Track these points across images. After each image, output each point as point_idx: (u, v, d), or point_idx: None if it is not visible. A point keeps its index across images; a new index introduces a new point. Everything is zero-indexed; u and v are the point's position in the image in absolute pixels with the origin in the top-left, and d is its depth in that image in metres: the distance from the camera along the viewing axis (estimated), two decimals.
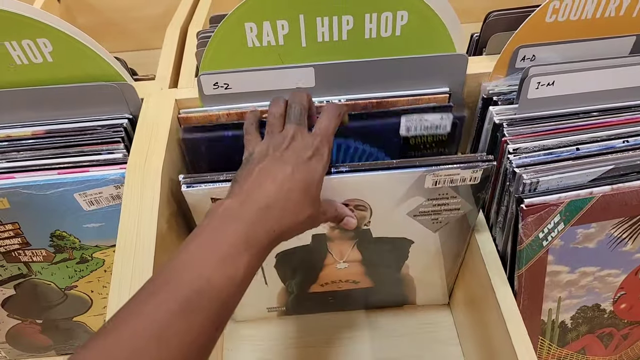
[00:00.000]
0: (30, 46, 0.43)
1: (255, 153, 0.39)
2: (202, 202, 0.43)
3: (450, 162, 0.42)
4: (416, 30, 0.45)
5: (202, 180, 0.42)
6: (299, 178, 0.37)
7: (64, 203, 0.45)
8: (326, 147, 0.39)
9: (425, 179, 0.43)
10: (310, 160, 0.38)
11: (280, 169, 0.37)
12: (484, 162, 0.42)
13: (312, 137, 0.39)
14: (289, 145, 0.38)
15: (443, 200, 0.45)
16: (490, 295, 0.46)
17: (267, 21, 0.43)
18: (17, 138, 0.46)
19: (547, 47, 0.47)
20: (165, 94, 0.49)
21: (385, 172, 0.42)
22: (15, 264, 0.50)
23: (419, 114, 0.45)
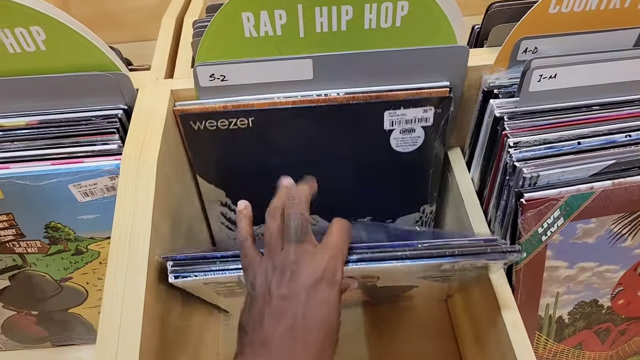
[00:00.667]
0: (23, 34, 0.43)
1: (257, 287, 0.34)
2: (195, 286, 0.41)
3: (474, 252, 0.37)
4: (417, 21, 0.44)
5: (192, 269, 0.38)
6: (313, 319, 0.32)
7: (58, 194, 0.45)
8: (337, 263, 0.34)
9: (443, 264, 0.37)
10: (320, 287, 0.33)
11: (289, 315, 0.32)
12: (511, 253, 0.37)
13: (319, 256, 0.34)
14: (293, 275, 0.33)
15: (460, 271, 0.42)
16: (487, 290, 0.46)
17: (264, 11, 0.43)
18: (11, 128, 0.46)
19: (550, 39, 0.46)
20: (160, 84, 0.48)
21: (399, 264, 0.36)
22: (9, 255, 0.50)
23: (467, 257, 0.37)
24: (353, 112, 0.46)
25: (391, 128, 0.48)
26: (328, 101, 0.46)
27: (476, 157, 0.52)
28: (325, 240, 0.35)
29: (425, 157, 0.51)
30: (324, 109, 0.45)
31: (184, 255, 0.39)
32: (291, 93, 0.46)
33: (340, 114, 0.46)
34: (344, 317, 0.61)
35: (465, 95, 0.50)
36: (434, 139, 0.49)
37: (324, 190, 0.53)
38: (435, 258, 0.36)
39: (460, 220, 0.52)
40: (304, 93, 0.46)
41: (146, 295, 0.37)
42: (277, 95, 0.46)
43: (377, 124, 0.47)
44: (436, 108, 0.46)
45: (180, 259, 0.39)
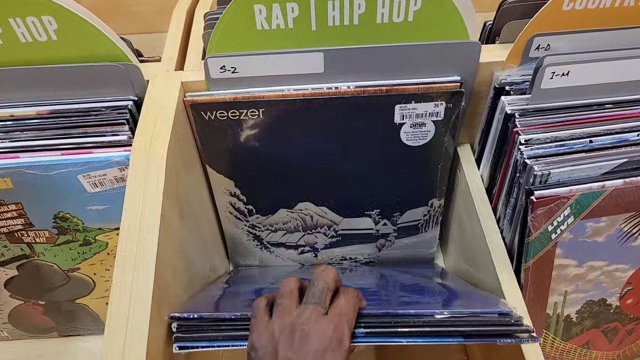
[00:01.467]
0: (34, 24, 0.43)
1: (260, 347, 0.34)
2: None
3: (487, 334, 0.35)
4: (429, 16, 0.44)
5: (198, 337, 0.37)
6: None
7: (67, 184, 0.45)
8: (346, 333, 0.34)
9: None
10: (327, 354, 0.32)
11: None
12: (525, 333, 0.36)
13: (327, 321, 0.34)
14: (301, 338, 0.33)
15: None
16: (496, 288, 0.46)
17: (276, 3, 0.42)
18: (21, 117, 0.46)
19: (563, 36, 0.45)
20: (171, 76, 0.48)
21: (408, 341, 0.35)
22: (18, 245, 0.50)
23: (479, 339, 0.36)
24: (363, 105, 0.46)
25: (402, 122, 0.47)
26: (338, 94, 0.46)
27: (486, 153, 0.51)
28: (333, 307, 0.35)
29: (435, 152, 0.50)
30: (335, 102, 0.45)
31: (192, 316, 0.38)
32: (302, 86, 0.46)
33: (350, 106, 0.46)
34: None
35: (476, 91, 0.49)
36: (444, 134, 0.49)
37: (332, 183, 0.53)
38: (446, 338, 0.35)
39: (470, 217, 0.52)
40: (314, 86, 0.46)
41: (154, 289, 0.37)
42: (288, 88, 0.46)
43: (387, 117, 0.47)
44: (447, 103, 0.46)
45: (187, 319, 0.37)
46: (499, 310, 0.36)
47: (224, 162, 0.51)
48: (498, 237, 0.48)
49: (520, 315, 0.36)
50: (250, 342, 0.35)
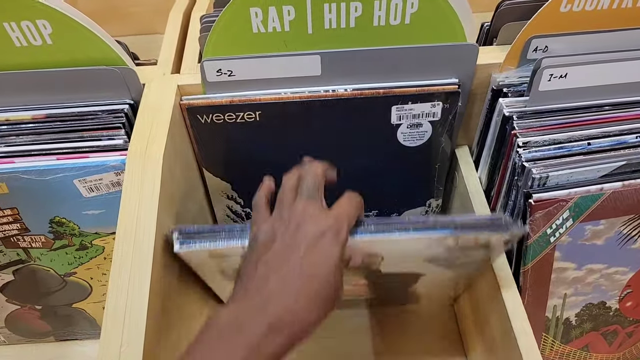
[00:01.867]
0: (29, 27, 0.42)
1: (259, 237, 0.35)
2: (200, 259, 0.41)
3: (477, 225, 0.37)
4: (426, 18, 0.43)
5: (199, 237, 0.38)
6: (311, 270, 0.31)
7: (63, 189, 0.44)
8: (344, 226, 0.34)
9: (448, 239, 0.38)
10: (323, 240, 0.32)
11: (287, 262, 0.32)
12: (512, 227, 0.37)
13: (326, 216, 0.34)
14: (298, 226, 0.33)
15: (465, 251, 0.41)
16: (494, 291, 0.46)
17: (272, 6, 0.42)
18: (17, 122, 0.45)
19: (561, 38, 0.45)
20: (167, 79, 0.48)
21: (402, 235, 0.37)
22: (14, 250, 0.50)
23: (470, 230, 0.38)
24: (360, 106, 0.46)
25: (399, 122, 0.47)
26: (335, 97, 0.45)
27: (484, 156, 0.51)
28: (334, 206, 0.36)
29: (432, 152, 0.50)
30: (332, 103, 0.45)
31: (191, 228, 0.39)
32: (299, 89, 0.46)
33: (347, 108, 0.46)
34: (351, 321, 0.62)
35: (473, 93, 0.49)
36: (441, 134, 0.49)
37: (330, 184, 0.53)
38: (438, 229, 0.37)
39: None
40: (311, 88, 0.46)
41: (150, 294, 0.36)
42: (285, 91, 0.46)
43: (384, 118, 0.47)
44: (444, 103, 0.46)
45: (187, 232, 0.39)
46: (490, 216, 0.40)
47: (221, 165, 0.51)
48: None
49: (509, 217, 0.38)
50: (252, 235, 0.36)
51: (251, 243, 0.35)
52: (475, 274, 0.50)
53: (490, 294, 0.47)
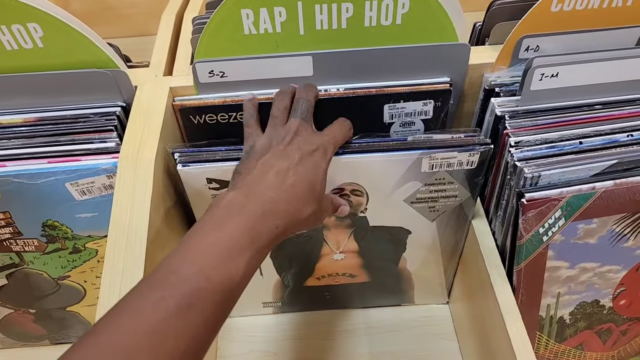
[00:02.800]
0: (20, 31, 0.42)
1: (256, 146, 0.39)
2: (197, 181, 0.43)
3: (447, 145, 0.42)
4: (418, 18, 0.43)
5: (197, 159, 0.42)
6: (303, 172, 0.36)
7: (55, 192, 0.44)
8: (331, 147, 0.39)
9: (422, 162, 0.42)
10: (314, 155, 0.37)
11: (283, 162, 0.36)
12: (481, 146, 0.42)
13: (317, 136, 0.39)
14: (292, 139, 0.38)
15: (440, 187, 0.45)
16: (488, 291, 0.46)
17: (264, 8, 0.42)
18: (8, 125, 0.45)
19: (552, 37, 0.45)
20: (159, 81, 0.48)
21: (380, 155, 0.42)
22: (6, 254, 0.50)
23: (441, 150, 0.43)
24: (352, 105, 0.46)
25: (391, 121, 0.47)
26: (328, 96, 0.45)
27: None
28: (326, 129, 0.41)
29: None
30: (324, 103, 0.45)
31: (190, 150, 0.43)
32: None
33: (339, 107, 0.46)
34: (340, 317, 0.62)
35: (466, 93, 0.49)
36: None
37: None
38: (412, 150, 0.42)
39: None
40: None
41: None
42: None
43: (377, 117, 0.47)
44: (436, 101, 0.46)
45: (187, 152, 0.43)
46: (467, 133, 0.43)
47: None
48: (490, 239, 0.48)
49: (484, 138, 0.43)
50: (248, 145, 0.40)
51: (248, 151, 0.39)
52: (459, 238, 0.51)
53: (484, 294, 0.47)
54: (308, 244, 0.52)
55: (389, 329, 0.61)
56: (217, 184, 0.44)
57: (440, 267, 0.56)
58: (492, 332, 0.46)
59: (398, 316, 0.62)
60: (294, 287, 0.58)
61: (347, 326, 0.61)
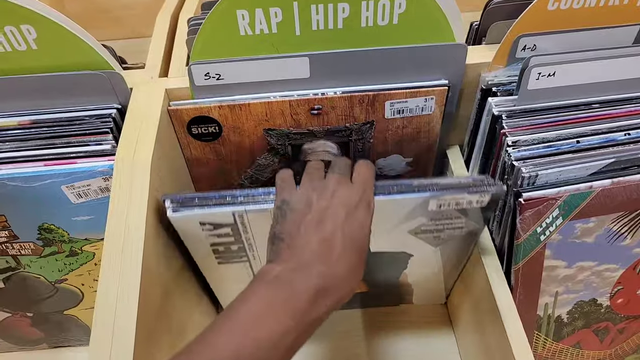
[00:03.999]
0: (13, 33, 0.42)
1: (293, 202, 0.36)
2: (190, 225, 0.41)
3: (456, 186, 0.39)
4: (414, 18, 0.43)
5: (190, 203, 0.40)
6: (349, 235, 0.34)
7: (51, 195, 0.44)
8: (371, 195, 0.37)
9: (429, 202, 0.40)
10: (358, 210, 0.35)
11: (327, 225, 0.34)
12: (493, 187, 0.39)
13: (355, 185, 0.37)
14: (334, 194, 0.35)
15: (447, 220, 0.43)
16: (486, 290, 0.46)
17: (259, 8, 0.42)
18: (3, 128, 0.45)
19: (549, 36, 0.45)
20: (155, 83, 0.47)
21: (387, 197, 0.39)
22: (3, 257, 0.49)
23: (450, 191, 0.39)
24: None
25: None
26: (324, 100, 0.45)
27: (475, 155, 0.51)
28: (357, 177, 0.38)
29: None
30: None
31: (183, 196, 0.40)
32: (287, 92, 0.45)
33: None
34: (338, 316, 0.62)
35: (463, 92, 0.49)
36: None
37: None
38: (419, 192, 0.39)
39: None
40: (300, 92, 0.45)
41: (140, 299, 0.36)
42: (274, 94, 0.45)
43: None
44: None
45: (178, 200, 0.40)
46: (474, 177, 0.40)
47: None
48: (488, 238, 0.48)
49: (493, 180, 0.40)
50: (281, 198, 0.37)
51: (282, 207, 0.36)
52: (462, 257, 0.50)
53: (482, 294, 0.47)
54: None
55: (387, 329, 0.61)
56: (211, 225, 0.42)
57: (441, 279, 0.56)
58: (490, 332, 0.46)
59: (396, 317, 0.62)
60: None
61: (346, 326, 0.61)
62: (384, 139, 0.50)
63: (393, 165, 0.53)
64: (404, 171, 0.54)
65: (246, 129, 0.47)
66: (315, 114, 0.46)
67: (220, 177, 0.52)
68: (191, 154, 0.49)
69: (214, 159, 0.50)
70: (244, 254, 0.46)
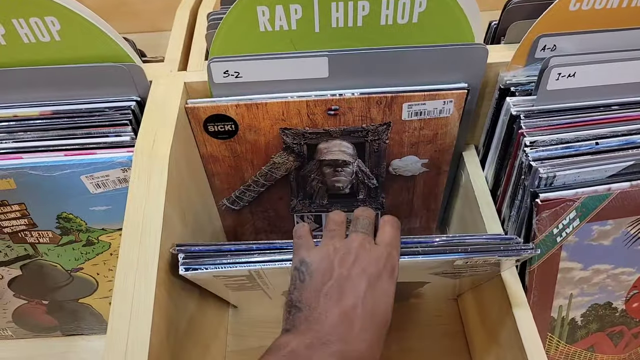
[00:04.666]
0: (38, 24, 0.43)
1: (312, 263, 0.34)
2: (203, 277, 0.41)
3: (485, 248, 0.37)
4: (434, 17, 0.43)
5: (204, 261, 0.38)
6: (372, 310, 0.32)
7: (70, 185, 0.45)
8: (396, 259, 0.35)
9: (456, 260, 0.38)
10: (381, 280, 0.33)
11: (349, 297, 0.32)
12: (524, 251, 0.37)
13: (379, 248, 0.35)
14: (357, 259, 0.34)
15: (472, 269, 0.42)
16: (500, 291, 0.45)
17: (279, 5, 0.42)
18: (24, 118, 0.46)
19: (569, 37, 0.45)
20: (174, 76, 0.48)
21: (411, 259, 0.37)
22: (21, 245, 0.50)
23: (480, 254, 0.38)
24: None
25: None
26: (342, 101, 0.45)
27: (491, 155, 0.51)
28: (382, 237, 0.36)
29: None
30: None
31: (197, 248, 0.39)
32: (305, 92, 0.45)
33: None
34: None
35: (481, 92, 0.49)
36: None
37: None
38: (448, 254, 0.37)
39: (474, 219, 0.52)
40: (317, 93, 0.45)
41: (156, 290, 0.37)
42: (291, 95, 0.45)
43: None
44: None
45: (192, 252, 0.39)
46: (501, 236, 0.38)
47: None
48: None
49: (519, 239, 0.38)
50: (300, 258, 0.35)
51: (301, 269, 0.35)
52: (482, 280, 0.50)
53: (496, 295, 0.47)
54: None
55: (397, 326, 0.61)
56: (225, 277, 0.41)
57: (455, 287, 0.55)
58: (503, 333, 0.46)
59: (406, 314, 0.62)
60: None
61: None
62: (400, 140, 0.50)
63: (408, 167, 0.53)
64: (419, 172, 0.54)
65: (262, 127, 0.47)
66: (332, 114, 0.46)
67: (235, 174, 0.53)
68: (207, 150, 0.50)
69: (229, 157, 0.50)
70: (260, 289, 0.46)
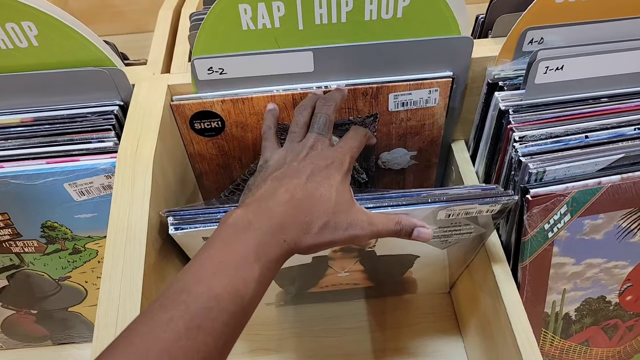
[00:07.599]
0: (14, 30, 0.42)
1: (271, 160, 0.39)
2: (193, 240, 0.41)
3: (466, 196, 0.38)
4: (419, 11, 0.43)
5: (193, 220, 0.39)
6: (312, 186, 0.35)
7: (53, 193, 0.44)
8: (347, 158, 0.38)
9: (438, 213, 0.39)
10: (328, 168, 0.36)
11: (294, 178, 0.35)
12: (504, 197, 0.38)
13: (333, 150, 0.38)
14: (307, 155, 0.37)
15: (456, 227, 0.42)
16: (492, 287, 0.45)
17: (262, 2, 0.41)
18: (5, 125, 0.45)
19: (557, 29, 0.44)
20: (157, 79, 0.47)
21: (395, 209, 0.38)
22: (6, 255, 0.49)
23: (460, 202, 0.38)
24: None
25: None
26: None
27: (481, 150, 0.50)
28: (341, 140, 0.40)
29: None
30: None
31: (186, 212, 0.39)
32: (291, 85, 0.45)
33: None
34: (344, 311, 0.61)
35: (469, 87, 0.49)
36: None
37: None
38: (430, 203, 0.38)
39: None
40: (303, 86, 0.45)
41: (143, 294, 0.36)
42: (277, 88, 0.45)
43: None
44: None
45: (181, 215, 0.39)
46: (483, 186, 0.40)
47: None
48: (494, 235, 0.47)
49: (503, 190, 0.39)
50: (264, 159, 0.40)
51: (262, 165, 0.39)
52: (469, 256, 0.49)
53: (489, 291, 0.46)
54: (312, 269, 0.51)
55: (392, 324, 0.61)
56: None
57: (446, 273, 0.55)
58: (497, 329, 0.46)
59: (400, 309, 0.61)
60: (297, 293, 0.58)
61: (351, 323, 0.61)
62: (388, 132, 0.49)
63: (397, 159, 0.52)
64: (408, 165, 0.53)
65: (249, 123, 0.47)
66: None
67: (223, 173, 0.52)
68: (194, 149, 0.49)
69: (217, 154, 0.50)
70: None
